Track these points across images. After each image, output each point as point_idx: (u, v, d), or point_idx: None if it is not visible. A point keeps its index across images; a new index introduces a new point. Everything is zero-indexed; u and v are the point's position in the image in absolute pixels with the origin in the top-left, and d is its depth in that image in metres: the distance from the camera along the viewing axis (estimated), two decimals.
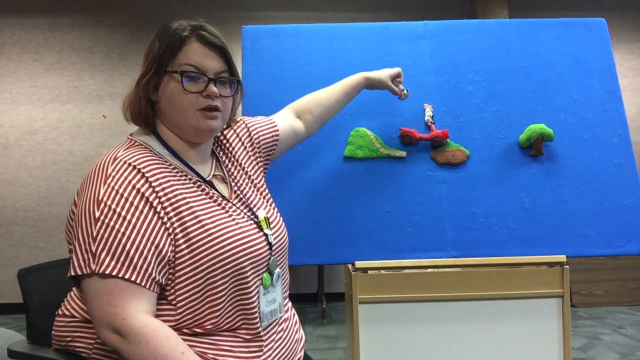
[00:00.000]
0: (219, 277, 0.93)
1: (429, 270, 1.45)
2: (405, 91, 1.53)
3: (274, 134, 1.25)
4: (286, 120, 1.31)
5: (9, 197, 3.99)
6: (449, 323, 1.45)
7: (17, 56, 4.02)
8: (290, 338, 1.09)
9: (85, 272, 0.85)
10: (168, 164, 0.98)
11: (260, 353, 0.99)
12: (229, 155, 1.14)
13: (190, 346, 0.90)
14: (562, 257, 1.46)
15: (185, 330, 0.92)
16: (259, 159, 1.20)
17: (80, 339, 0.96)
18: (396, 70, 1.51)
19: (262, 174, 1.20)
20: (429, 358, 1.45)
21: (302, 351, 1.14)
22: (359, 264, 1.45)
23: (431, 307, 1.45)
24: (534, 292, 1.45)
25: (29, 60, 4.03)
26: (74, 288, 1.02)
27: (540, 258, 1.47)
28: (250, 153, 1.18)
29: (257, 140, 1.21)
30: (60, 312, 1.01)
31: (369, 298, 1.43)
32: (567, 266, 1.46)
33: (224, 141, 1.16)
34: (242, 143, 1.18)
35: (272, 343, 1.02)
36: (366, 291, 1.43)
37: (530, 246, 1.49)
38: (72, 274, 0.87)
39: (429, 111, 1.57)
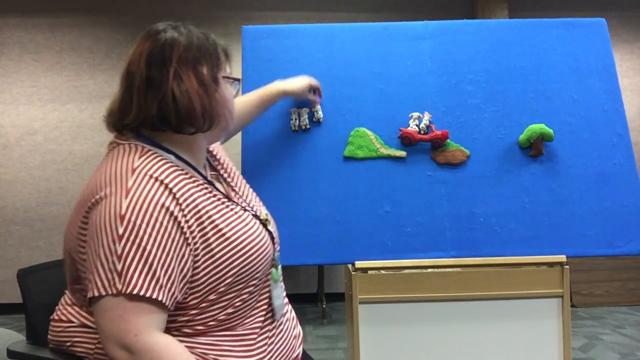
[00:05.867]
0: (236, 280, 0.94)
1: (429, 270, 1.45)
2: (316, 100, 1.58)
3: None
4: None
5: (9, 197, 3.99)
6: (449, 323, 1.45)
7: (17, 56, 4.02)
8: (288, 334, 1.09)
9: (110, 292, 0.81)
10: (181, 168, 0.95)
11: (260, 350, 0.99)
12: (212, 154, 1.16)
13: (191, 348, 0.90)
14: (562, 257, 1.46)
15: (185, 330, 0.92)
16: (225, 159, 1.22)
17: (80, 343, 0.95)
18: (314, 81, 1.55)
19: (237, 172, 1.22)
20: (429, 358, 1.45)
21: (301, 347, 1.14)
22: (359, 264, 1.45)
23: (431, 307, 1.45)
24: (534, 292, 1.45)
25: (29, 60, 4.03)
26: (66, 293, 1.01)
27: (540, 258, 1.47)
28: (224, 155, 1.20)
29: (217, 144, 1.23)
30: (55, 317, 0.99)
31: (369, 298, 1.43)
32: (567, 266, 1.46)
33: None
34: (214, 146, 1.20)
35: (272, 339, 1.03)
36: (366, 291, 1.43)
37: (530, 246, 1.49)
38: (96, 294, 0.82)
39: (426, 120, 1.57)
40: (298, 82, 1.51)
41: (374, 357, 1.44)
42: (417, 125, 1.57)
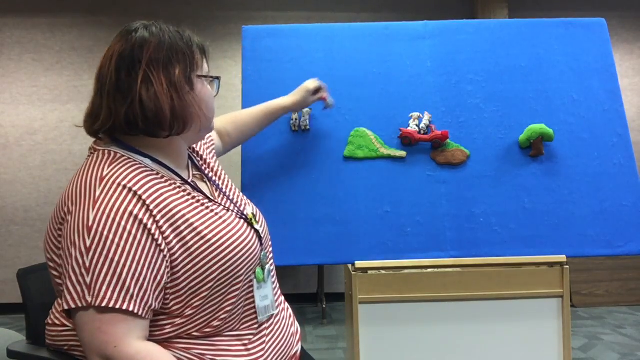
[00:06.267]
0: (219, 283, 0.92)
1: (429, 270, 1.45)
2: (329, 100, 1.54)
3: (212, 142, 1.26)
4: (212, 135, 1.31)
5: (9, 197, 3.99)
6: (449, 323, 1.45)
7: (17, 56, 4.02)
8: (285, 332, 1.09)
9: (80, 305, 0.81)
10: (155, 173, 0.94)
11: (258, 349, 0.99)
12: (199, 154, 1.15)
13: (188, 349, 0.90)
14: (562, 257, 1.46)
15: (183, 336, 0.91)
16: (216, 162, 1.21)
17: (77, 347, 0.94)
18: (315, 84, 1.50)
19: (225, 174, 1.20)
20: (429, 358, 1.45)
21: (299, 344, 1.14)
22: (359, 264, 1.45)
23: (431, 307, 1.45)
24: (534, 292, 1.45)
25: (29, 60, 4.03)
26: (58, 298, 1.00)
27: (540, 258, 1.47)
28: (209, 152, 1.19)
29: (205, 145, 1.21)
30: (49, 321, 0.98)
31: (369, 298, 1.43)
32: (567, 266, 1.46)
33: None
34: (202, 147, 1.19)
35: (269, 337, 1.03)
36: (366, 291, 1.43)
37: (530, 246, 1.49)
38: (66, 307, 0.82)
39: (426, 120, 1.57)
40: (297, 94, 1.48)
41: (374, 357, 1.44)
42: (417, 125, 1.57)
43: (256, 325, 1.00)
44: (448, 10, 4.21)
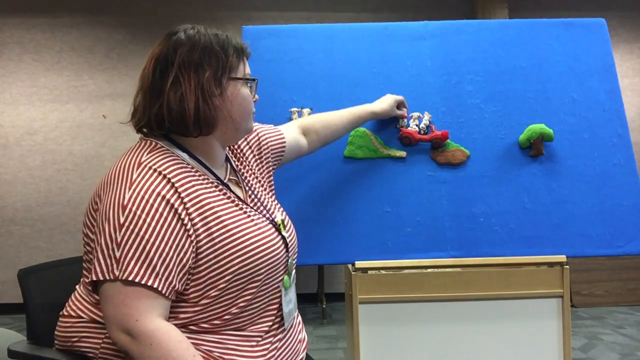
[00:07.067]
0: (237, 277, 0.94)
1: (429, 270, 1.45)
2: (404, 115, 1.57)
3: (281, 145, 1.27)
4: (292, 134, 1.32)
5: (9, 197, 3.99)
6: (449, 323, 1.45)
7: (17, 56, 4.02)
8: (294, 339, 1.10)
9: (108, 278, 0.85)
10: (191, 167, 0.98)
11: (266, 352, 0.99)
12: (242, 160, 1.17)
13: (196, 344, 0.91)
14: (562, 257, 1.47)
15: (192, 327, 0.92)
16: (267, 166, 1.23)
17: (87, 339, 0.96)
18: (399, 97, 1.55)
19: (271, 180, 1.23)
20: (429, 358, 1.45)
21: (305, 351, 1.14)
22: (359, 264, 1.45)
23: (431, 307, 1.45)
24: (534, 292, 1.45)
25: (29, 60, 4.03)
26: (78, 288, 1.02)
27: (540, 258, 1.47)
28: (259, 160, 1.21)
29: (265, 149, 1.23)
30: (65, 313, 1.00)
31: (369, 298, 1.43)
32: (567, 266, 1.46)
33: (236, 147, 1.18)
34: (252, 150, 1.20)
35: (278, 343, 1.04)
36: (366, 291, 1.43)
37: (530, 246, 1.49)
38: (94, 278, 0.86)
39: (426, 120, 1.57)
40: (385, 103, 1.51)
41: (374, 357, 1.44)
42: (417, 125, 1.57)
43: (266, 329, 1.01)
44: (448, 10, 4.21)
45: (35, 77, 4.03)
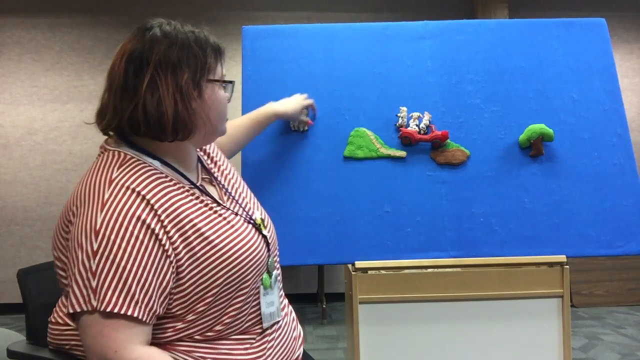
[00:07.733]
0: (224, 289, 0.91)
1: (429, 270, 1.45)
2: (308, 122, 1.57)
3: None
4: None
5: (9, 197, 3.99)
6: (449, 323, 1.45)
7: (17, 56, 4.02)
8: (288, 336, 1.08)
9: (85, 309, 0.81)
10: (164, 175, 0.92)
11: (260, 353, 0.98)
12: (212, 157, 1.13)
13: (189, 352, 0.90)
14: (562, 257, 1.46)
15: (185, 339, 0.91)
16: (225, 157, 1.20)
17: (79, 347, 0.93)
18: (308, 102, 1.54)
19: (235, 172, 1.19)
20: (429, 358, 1.45)
21: (301, 348, 1.13)
22: (359, 264, 1.45)
23: (431, 307, 1.45)
24: (534, 292, 1.45)
25: (29, 60, 4.03)
26: (63, 295, 1.00)
27: (540, 258, 1.47)
28: (219, 151, 1.18)
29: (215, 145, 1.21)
30: (53, 320, 0.98)
31: (369, 298, 1.43)
32: (567, 266, 1.46)
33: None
34: (213, 146, 1.17)
35: (271, 342, 1.02)
36: (366, 291, 1.43)
37: (530, 246, 1.49)
38: (71, 310, 0.82)
39: (426, 119, 1.57)
40: (290, 104, 1.49)
41: (374, 357, 1.44)
42: (417, 125, 1.57)
43: (259, 330, 1.00)
44: (448, 10, 4.21)
45: (35, 77, 4.02)
